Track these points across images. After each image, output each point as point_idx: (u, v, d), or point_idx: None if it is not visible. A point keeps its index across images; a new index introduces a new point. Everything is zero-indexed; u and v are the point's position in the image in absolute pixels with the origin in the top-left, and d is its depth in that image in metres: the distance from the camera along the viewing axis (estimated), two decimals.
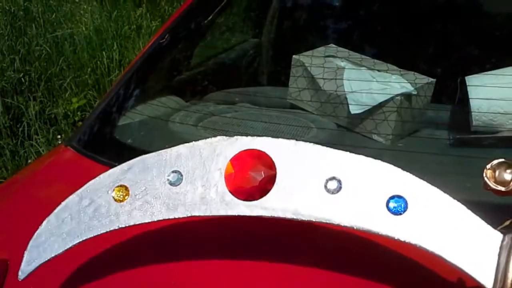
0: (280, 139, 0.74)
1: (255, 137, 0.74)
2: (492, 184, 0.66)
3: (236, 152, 0.74)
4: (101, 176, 0.78)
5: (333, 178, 0.70)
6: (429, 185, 0.68)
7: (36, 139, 2.98)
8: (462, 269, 0.64)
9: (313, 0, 1.83)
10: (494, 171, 0.67)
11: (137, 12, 4.27)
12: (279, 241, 0.86)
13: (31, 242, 0.80)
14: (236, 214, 0.73)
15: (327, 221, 0.69)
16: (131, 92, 1.41)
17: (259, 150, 0.73)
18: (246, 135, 0.76)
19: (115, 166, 0.85)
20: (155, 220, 0.75)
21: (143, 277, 0.85)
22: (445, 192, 0.67)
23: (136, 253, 0.89)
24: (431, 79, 1.21)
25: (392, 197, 0.68)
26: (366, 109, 1.16)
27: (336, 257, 0.83)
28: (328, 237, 0.83)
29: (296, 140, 0.73)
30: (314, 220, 0.70)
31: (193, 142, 0.76)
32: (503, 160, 0.67)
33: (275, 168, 0.72)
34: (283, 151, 0.73)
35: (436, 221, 0.66)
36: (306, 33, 1.78)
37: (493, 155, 0.67)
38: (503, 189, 0.66)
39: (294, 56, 1.31)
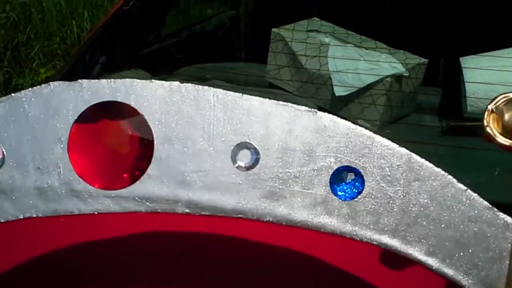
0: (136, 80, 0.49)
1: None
2: (497, 134, 0.47)
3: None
4: None
5: (243, 145, 0.47)
6: None
7: None
8: None
9: None
10: (502, 114, 0.46)
11: None
12: None
13: None
14: (95, 212, 0.49)
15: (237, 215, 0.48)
16: (92, 62, 1.28)
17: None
18: None
19: None
20: None
21: None
22: None
23: None
24: (423, 59, 1.11)
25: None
26: (352, 91, 1.07)
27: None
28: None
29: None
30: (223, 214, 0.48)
31: None
32: None
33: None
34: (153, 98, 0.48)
35: None
36: (288, 5, 1.66)
37: (487, 146, 0.54)
38: None
39: (273, 29, 1.19)
